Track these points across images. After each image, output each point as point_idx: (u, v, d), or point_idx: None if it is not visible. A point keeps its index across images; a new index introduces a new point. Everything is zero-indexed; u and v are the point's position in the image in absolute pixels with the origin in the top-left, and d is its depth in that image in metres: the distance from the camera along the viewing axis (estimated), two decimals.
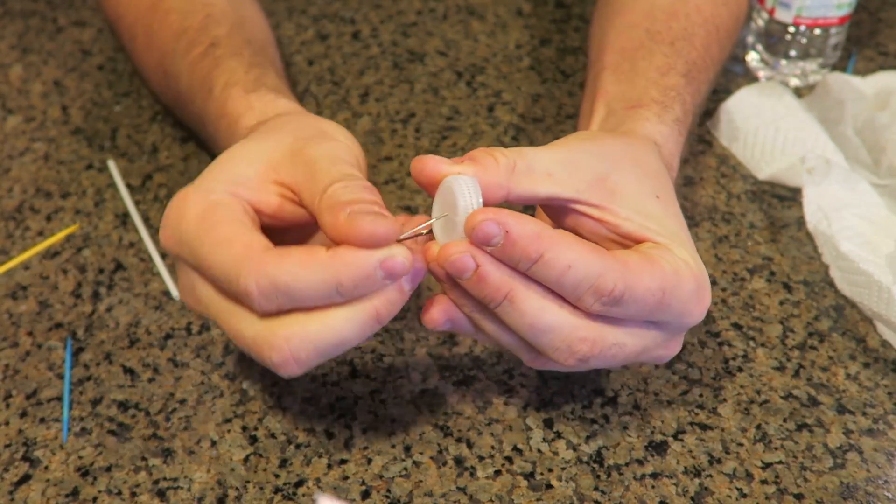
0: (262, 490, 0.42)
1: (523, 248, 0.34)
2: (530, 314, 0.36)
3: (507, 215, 0.34)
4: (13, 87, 0.66)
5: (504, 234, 0.34)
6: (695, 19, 0.52)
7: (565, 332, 0.36)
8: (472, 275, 0.35)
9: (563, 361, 0.37)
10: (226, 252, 0.35)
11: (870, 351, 0.48)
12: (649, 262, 0.36)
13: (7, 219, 0.56)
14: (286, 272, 0.33)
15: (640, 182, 0.40)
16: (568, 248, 0.35)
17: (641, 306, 0.36)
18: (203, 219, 0.36)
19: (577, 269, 0.35)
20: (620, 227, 0.38)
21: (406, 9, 0.73)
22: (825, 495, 0.42)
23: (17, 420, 0.45)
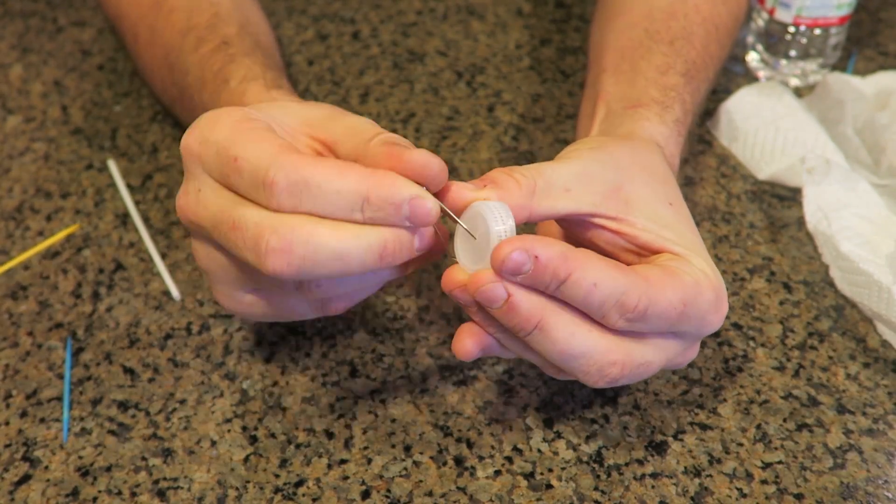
0: (262, 490, 0.42)
1: (552, 270, 0.34)
2: (561, 341, 0.36)
3: (533, 241, 0.34)
4: (13, 87, 0.66)
5: (533, 259, 0.34)
6: (693, 18, 0.52)
7: (595, 357, 0.36)
8: (503, 304, 0.35)
9: (593, 384, 0.38)
10: (261, 147, 0.34)
11: (870, 351, 0.48)
12: (670, 276, 0.37)
13: (7, 219, 0.56)
14: (320, 173, 0.34)
15: (652, 189, 0.40)
16: (593, 266, 0.35)
17: (664, 320, 0.37)
18: (240, 123, 0.36)
19: (602, 287, 0.35)
20: (638, 238, 0.38)
21: (406, 9, 0.73)
22: (825, 495, 0.42)
23: (17, 420, 0.45)
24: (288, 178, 0.33)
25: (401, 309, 0.50)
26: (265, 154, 0.34)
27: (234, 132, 0.35)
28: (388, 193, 0.34)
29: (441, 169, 0.35)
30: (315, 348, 0.48)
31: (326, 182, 0.33)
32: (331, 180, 0.33)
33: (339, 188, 0.33)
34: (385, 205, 0.34)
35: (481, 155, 0.60)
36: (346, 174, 0.34)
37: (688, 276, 0.37)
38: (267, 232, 0.34)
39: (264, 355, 0.48)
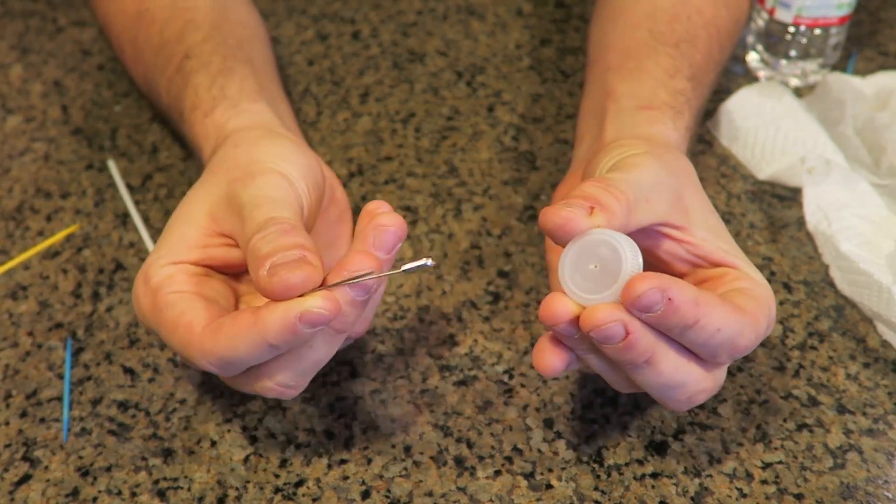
0: (262, 490, 0.42)
1: (683, 315, 0.34)
2: (667, 375, 0.36)
3: (670, 282, 0.33)
4: (13, 87, 0.66)
5: (666, 301, 0.33)
6: (696, 21, 0.52)
7: (691, 387, 0.37)
8: (622, 342, 0.34)
9: (680, 409, 0.39)
10: (174, 338, 0.37)
11: (870, 351, 0.48)
12: (762, 307, 0.37)
13: (7, 219, 0.56)
14: (224, 347, 0.35)
15: (703, 198, 0.40)
16: (718, 312, 0.35)
17: (754, 347, 0.37)
18: (152, 308, 0.38)
19: (724, 332, 0.35)
20: (699, 247, 0.39)
21: (406, 9, 0.73)
22: (825, 495, 0.42)
23: (17, 420, 0.45)
24: (210, 363, 0.36)
25: (401, 309, 0.50)
26: (180, 346, 0.37)
27: (153, 322, 0.38)
28: (279, 330, 0.34)
29: (303, 280, 0.34)
30: None
31: (233, 352, 0.35)
32: (236, 348, 0.35)
33: (246, 350, 0.35)
34: (286, 337, 0.34)
35: (481, 155, 0.60)
36: (240, 335, 0.35)
37: (763, 296, 0.38)
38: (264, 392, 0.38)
39: None
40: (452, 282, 0.51)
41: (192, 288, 0.38)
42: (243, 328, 0.34)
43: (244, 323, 0.34)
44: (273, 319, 0.34)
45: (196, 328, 0.36)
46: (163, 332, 0.38)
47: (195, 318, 0.36)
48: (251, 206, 0.37)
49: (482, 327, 0.49)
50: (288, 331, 0.34)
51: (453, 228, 0.55)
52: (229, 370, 0.36)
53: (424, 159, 0.60)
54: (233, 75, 0.49)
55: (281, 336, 0.34)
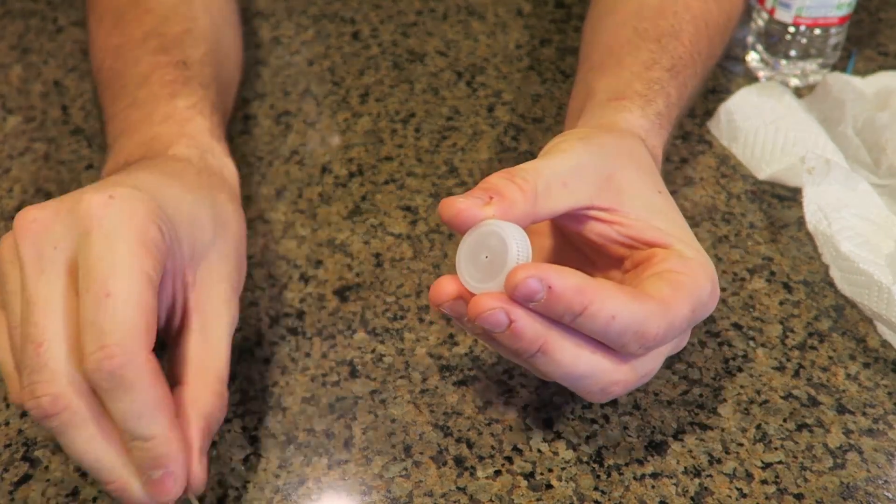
0: (261, 490, 0.42)
1: (567, 302, 0.33)
2: (565, 364, 0.35)
3: (549, 270, 0.33)
4: (13, 87, 0.66)
5: (547, 289, 0.33)
6: (683, 16, 0.52)
7: (599, 377, 0.36)
8: (506, 329, 0.34)
9: (594, 401, 0.38)
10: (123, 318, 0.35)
11: (870, 351, 0.48)
12: (679, 289, 0.36)
13: (7, 219, 0.56)
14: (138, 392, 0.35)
15: (641, 178, 0.40)
16: (611, 298, 0.34)
17: (677, 333, 0.37)
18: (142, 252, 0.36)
19: (621, 319, 0.34)
20: (630, 227, 0.38)
21: (406, 9, 0.73)
22: (825, 495, 0.42)
23: (17, 420, 0.45)
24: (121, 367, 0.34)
25: (401, 309, 0.50)
26: (130, 327, 0.34)
27: (133, 264, 0.35)
28: (163, 455, 0.35)
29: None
30: (315, 348, 0.48)
31: (137, 402, 0.34)
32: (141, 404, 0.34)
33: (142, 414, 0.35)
34: (150, 457, 0.35)
35: (481, 155, 0.60)
36: (161, 412, 0.35)
37: (688, 277, 0.37)
38: (48, 390, 0.34)
39: (264, 355, 0.48)
40: None
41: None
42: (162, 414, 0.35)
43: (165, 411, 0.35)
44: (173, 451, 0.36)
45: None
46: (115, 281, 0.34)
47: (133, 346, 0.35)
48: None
49: None
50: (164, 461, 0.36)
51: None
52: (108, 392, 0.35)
53: (424, 159, 0.60)
54: (224, 117, 0.52)
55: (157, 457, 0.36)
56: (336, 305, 0.50)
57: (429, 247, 0.53)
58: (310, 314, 0.50)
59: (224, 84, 0.54)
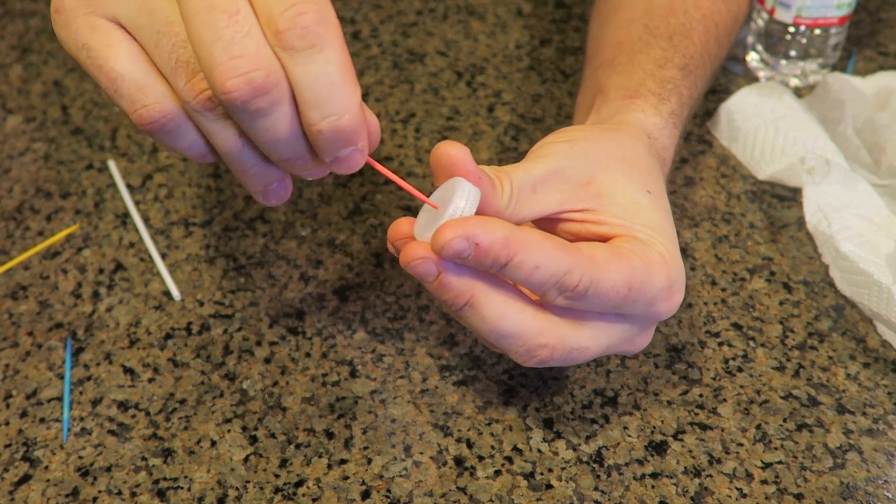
0: (262, 490, 0.42)
1: (494, 255, 0.34)
2: (491, 320, 0.36)
3: (475, 226, 0.34)
4: (13, 87, 0.66)
5: (474, 246, 0.34)
6: (693, 15, 0.52)
7: (525, 338, 0.36)
8: (435, 280, 0.35)
9: (523, 363, 0.38)
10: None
11: (870, 351, 0.48)
12: (618, 257, 0.37)
13: (7, 219, 0.56)
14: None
15: (629, 178, 0.40)
16: (536, 248, 0.35)
17: (606, 300, 0.36)
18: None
19: (545, 269, 0.35)
20: (604, 225, 0.39)
21: (406, 9, 0.73)
22: (825, 495, 0.42)
23: (17, 420, 0.45)
24: (316, 23, 0.30)
25: (401, 309, 0.50)
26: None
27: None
28: (353, 134, 0.32)
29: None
30: (315, 348, 0.48)
31: (332, 63, 0.31)
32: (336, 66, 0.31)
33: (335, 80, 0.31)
34: (338, 138, 0.32)
35: (481, 155, 0.60)
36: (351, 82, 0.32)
37: (638, 258, 0.37)
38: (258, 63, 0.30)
39: (264, 355, 0.48)
40: None
41: None
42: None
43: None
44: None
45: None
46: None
47: None
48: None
49: None
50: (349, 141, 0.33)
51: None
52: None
53: (424, 159, 0.60)
54: None
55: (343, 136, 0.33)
56: (336, 305, 0.50)
57: None
58: (310, 314, 0.50)
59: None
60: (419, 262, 0.35)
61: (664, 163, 0.44)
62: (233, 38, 0.30)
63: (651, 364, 0.47)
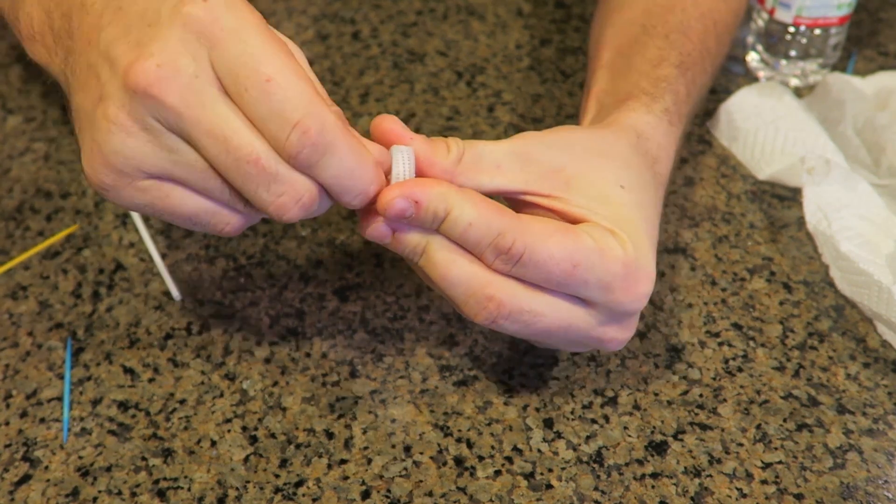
0: (262, 490, 0.42)
1: (433, 210, 0.36)
2: (441, 266, 0.38)
3: (413, 185, 0.36)
4: (13, 87, 0.66)
5: (414, 204, 0.36)
6: (691, 13, 0.52)
7: (473, 286, 0.38)
8: (391, 239, 0.38)
9: (474, 317, 0.38)
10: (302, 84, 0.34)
11: (870, 351, 0.48)
12: (561, 231, 0.38)
13: (7, 219, 0.56)
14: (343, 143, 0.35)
15: (601, 172, 0.41)
16: (471, 205, 0.37)
17: (547, 272, 0.37)
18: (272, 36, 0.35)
19: (477, 226, 0.36)
20: (569, 213, 0.39)
21: (406, 9, 0.73)
22: (825, 495, 0.42)
23: (17, 420, 0.45)
24: (320, 134, 0.33)
25: (401, 309, 0.50)
26: (305, 94, 0.33)
27: (270, 45, 0.33)
28: (378, 191, 0.36)
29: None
30: (315, 348, 0.48)
31: (345, 159, 0.35)
32: (348, 156, 0.35)
33: (353, 169, 0.35)
34: (369, 201, 0.36)
35: None
36: (364, 159, 0.35)
37: (590, 239, 0.38)
38: (301, 191, 0.35)
39: (264, 355, 0.48)
40: None
41: None
42: (371, 153, 0.36)
43: (372, 153, 0.36)
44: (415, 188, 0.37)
45: (326, 104, 0.35)
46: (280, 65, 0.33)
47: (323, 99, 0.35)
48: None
49: (482, 327, 0.49)
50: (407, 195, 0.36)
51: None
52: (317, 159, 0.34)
53: None
54: None
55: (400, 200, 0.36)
56: (336, 305, 0.50)
57: None
58: (310, 314, 0.50)
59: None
60: (375, 228, 0.37)
61: (658, 161, 0.44)
62: (268, 180, 0.34)
63: (651, 364, 0.47)
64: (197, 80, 0.33)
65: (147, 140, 0.34)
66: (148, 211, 0.36)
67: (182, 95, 0.33)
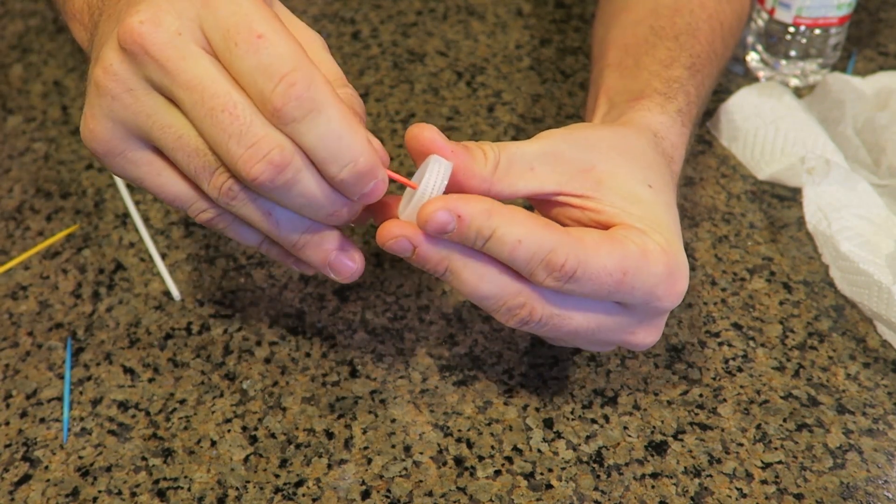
0: (262, 490, 0.42)
1: (477, 227, 0.35)
2: (470, 283, 0.37)
3: (457, 200, 0.35)
4: (13, 87, 0.66)
5: (456, 218, 0.35)
6: (699, 15, 0.52)
7: (504, 297, 0.37)
8: (412, 255, 0.37)
9: (505, 322, 0.38)
10: (291, 42, 0.33)
11: (870, 351, 0.48)
12: (609, 241, 0.37)
13: (7, 219, 0.56)
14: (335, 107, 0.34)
15: (630, 171, 0.40)
16: (519, 223, 0.35)
17: (598, 284, 0.36)
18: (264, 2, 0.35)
19: (527, 244, 0.35)
20: (602, 213, 0.39)
21: (406, 9, 0.73)
22: (825, 495, 0.42)
23: (17, 420, 0.45)
24: (307, 89, 0.32)
25: (401, 309, 0.50)
26: (296, 52, 0.33)
27: (262, 8, 0.33)
28: (370, 172, 0.34)
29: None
30: (315, 348, 0.48)
31: (333, 120, 0.33)
32: (336, 118, 0.33)
33: (341, 133, 0.33)
34: (359, 179, 0.34)
35: None
36: (355, 127, 0.34)
37: (633, 244, 0.37)
38: (271, 144, 0.33)
39: (264, 355, 0.48)
40: None
41: None
42: (362, 126, 0.35)
43: (362, 127, 0.34)
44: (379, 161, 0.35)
45: (315, 66, 0.33)
46: (269, 22, 0.33)
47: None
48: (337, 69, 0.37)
49: (482, 327, 0.49)
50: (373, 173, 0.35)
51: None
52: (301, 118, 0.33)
53: None
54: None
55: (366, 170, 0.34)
56: (336, 305, 0.50)
57: None
58: (310, 314, 0.50)
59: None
60: (394, 241, 0.36)
61: (672, 161, 0.44)
62: (240, 130, 0.33)
63: (651, 364, 0.47)
64: (179, 37, 0.33)
65: (130, 102, 0.34)
66: (141, 185, 0.37)
67: (162, 50, 0.33)
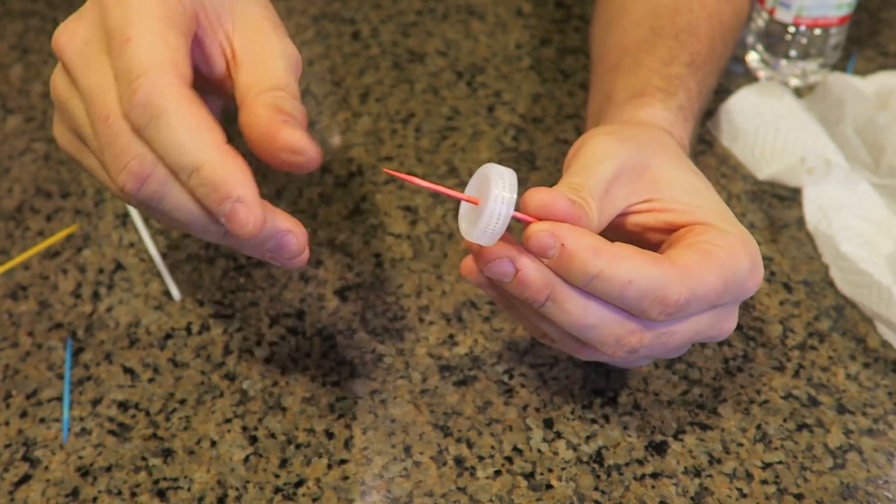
0: (262, 490, 0.42)
1: (581, 263, 0.33)
2: (575, 312, 0.35)
3: (565, 228, 0.34)
4: (13, 87, 0.66)
5: (559, 247, 0.33)
6: (699, 13, 0.52)
7: (612, 326, 0.35)
8: (513, 279, 0.34)
9: (612, 354, 0.37)
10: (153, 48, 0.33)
11: (870, 351, 0.48)
12: (709, 259, 0.36)
13: (7, 219, 0.56)
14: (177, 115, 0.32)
15: (674, 163, 0.40)
16: (627, 261, 0.34)
17: (705, 304, 0.36)
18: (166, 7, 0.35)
19: (638, 284, 0.34)
20: (669, 213, 0.38)
21: (406, 9, 0.73)
22: (825, 495, 0.42)
23: (17, 420, 0.45)
24: (149, 94, 0.32)
25: (401, 309, 0.50)
26: (153, 58, 0.32)
27: (149, 11, 0.33)
28: (220, 181, 0.32)
29: (314, 158, 0.33)
30: (315, 348, 0.48)
31: (174, 127, 0.32)
32: (178, 127, 0.32)
33: (182, 140, 0.32)
34: (210, 190, 0.32)
35: (481, 155, 0.60)
36: (202, 136, 0.32)
37: (722, 249, 0.36)
38: (131, 154, 0.32)
39: (264, 355, 0.48)
40: (452, 282, 0.51)
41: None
42: (213, 133, 0.32)
43: (215, 133, 0.33)
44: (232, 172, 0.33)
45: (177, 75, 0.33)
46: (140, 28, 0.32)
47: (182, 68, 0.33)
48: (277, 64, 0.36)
49: (482, 327, 0.49)
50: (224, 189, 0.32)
51: (453, 228, 0.55)
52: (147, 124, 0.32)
53: (424, 159, 0.60)
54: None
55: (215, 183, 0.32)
56: (336, 305, 0.50)
57: (429, 247, 0.53)
58: (310, 314, 0.50)
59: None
60: (497, 262, 0.34)
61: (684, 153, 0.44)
62: (110, 140, 0.33)
63: (651, 364, 0.47)
64: (87, 46, 0.34)
65: (70, 108, 0.35)
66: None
67: (71, 59, 0.34)
